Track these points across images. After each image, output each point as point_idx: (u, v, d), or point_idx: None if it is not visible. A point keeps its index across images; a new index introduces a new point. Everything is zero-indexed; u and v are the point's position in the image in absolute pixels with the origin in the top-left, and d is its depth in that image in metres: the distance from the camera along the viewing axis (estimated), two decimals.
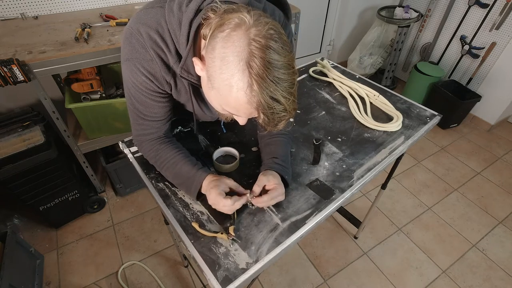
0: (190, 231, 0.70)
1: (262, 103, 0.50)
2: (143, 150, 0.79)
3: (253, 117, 0.56)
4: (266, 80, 0.48)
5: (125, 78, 0.67)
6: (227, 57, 0.49)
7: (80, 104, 1.41)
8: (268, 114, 0.51)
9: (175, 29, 0.60)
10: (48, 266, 1.52)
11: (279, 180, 0.73)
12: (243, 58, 0.48)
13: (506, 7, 2.06)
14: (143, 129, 0.75)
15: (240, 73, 0.48)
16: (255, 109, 0.52)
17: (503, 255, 1.63)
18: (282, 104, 0.51)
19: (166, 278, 1.49)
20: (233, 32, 0.49)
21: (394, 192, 1.96)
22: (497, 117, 2.39)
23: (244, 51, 0.48)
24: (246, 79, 0.49)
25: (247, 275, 0.62)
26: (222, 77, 0.50)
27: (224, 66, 0.49)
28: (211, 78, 0.53)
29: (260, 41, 0.48)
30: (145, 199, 1.86)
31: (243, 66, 0.48)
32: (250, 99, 0.50)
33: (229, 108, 0.55)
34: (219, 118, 0.90)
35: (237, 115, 0.58)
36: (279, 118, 0.53)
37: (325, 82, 1.23)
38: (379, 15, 2.50)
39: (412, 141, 0.96)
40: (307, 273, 1.54)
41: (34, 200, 1.47)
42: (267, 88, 0.49)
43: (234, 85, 0.50)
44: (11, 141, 1.36)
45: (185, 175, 0.74)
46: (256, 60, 0.47)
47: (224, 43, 0.49)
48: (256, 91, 0.49)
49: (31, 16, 1.53)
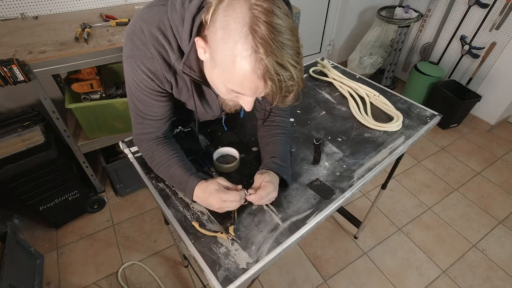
0: (191, 231, 0.70)
1: (268, 68, 0.47)
2: (142, 150, 0.79)
3: (260, 95, 0.54)
4: (271, 44, 0.46)
5: (127, 76, 0.67)
6: (228, 25, 0.47)
7: (80, 104, 1.41)
8: (275, 80, 0.48)
9: (177, 26, 0.60)
10: (48, 266, 1.52)
11: (270, 178, 0.72)
12: (246, 23, 0.46)
13: (506, 7, 2.06)
14: (142, 128, 0.75)
15: (242, 39, 0.47)
16: (261, 77, 0.49)
17: (503, 255, 1.64)
18: (289, 71, 0.48)
19: (166, 278, 1.49)
20: (234, 0, 0.48)
21: (394, 192, 1.96)
22: (497, 117, 2.39)
23: (247, 16, 0.46)
24: (250, 44, 0.47)
25: (247, 275, 0.62)
26: (225, 47, 0.49)
27: (226, 35, 0.48)
28: (213, 53, 0.52)
29: (262, 5, 0.46)
30: (145, 199, 1.85)
31: (246, 32, 0.46)
32: (255, 66, 0.48)
33: (233, 85, 0.53)
34: (220, 116, 0.90)
35: (242, 93, 0.55)
36: (287, 87, 0.50)
37: (325, 82, 1.23)
38: (379, 15, 2.50)
39: (413, 141, 0.96)
40: (307, 273, 1.54)
41: (34, 200, 1.47)
42: (273, 53, 0.46)
43: (238, 54, 0.48)
44: (11, 141, 1.36)
45: (178, 180, 0.73)
46: (260, 24, 0.46)
47: (225, 12, 0.48)
48: (262, 54, 0.46)
49: (31, 16, 1.53)
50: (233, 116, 1.00)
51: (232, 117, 1.01)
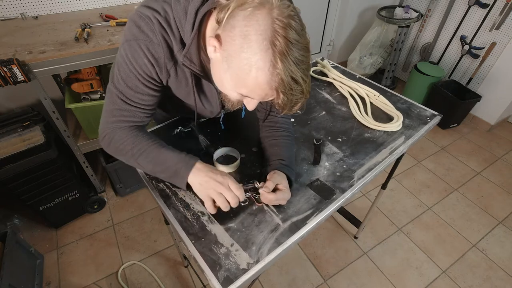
0: (191, 231, 0.69)
1: (284, 81, 0.50)
2: (116, 138, 0.71)
3: (266, 100, 0.57)
4: (288, 59, 0.49)
5: (122, 59, 0.64)
6: (249, 35, 0.49)
7: (80, 104, 1.41)
8: (288, 94, 0.51)
9: (180, 18, 0.61)
10: (48, 266, 1.52)
11: (286, 184, 0.73)
12: (267, 37, 0.48)
13: (506, 7, 2.06)
14: (123, 115, 0.70)
15: (262, 52, 0.49)
16: (274, 89, 0.52)
17: (503, 255, 1.64)
18: (300, 86, 0.52)
19: (166, 278, 1.49)
20: (257, 11, 0.49)
21: (394, 192, 1.96)
22: (497, 117, 2.39)
23: (268, 30, 0.48)
24: (269, 58, 0.49)
25: (248, 276, 0.62)
26: (242, 56, 0.50)
27: (246, 45, 0.49)
28: (229, 58, 0.53)
29: (283, 20, 0.48)
30: (145, 199, 1.85)
31: (266, 45, 0.48)
32: (270, 78, 0.50)
33: (244, 89, 0.55)
34: (219, 114, 0.90)
35: (251, 97, 0.57)
36: (296, 99, 0.54)
37: (325, 82, 1.23)
38: (379, 15, 2.50)
39: (413, 141, 0.96)
40: (307, 273, 1.54)
41: (34, 200, 1.47)
42: (289, 68, 0.49)
43: (254, 65, 0.50)
44: (11, 141, 1.36)
45: (171, 161, 0.68)
46: (280, 39, 0.48)
47: (246, 21, 0.49)
48: (280, 69, 0.49)
49: (31, 16, 1.52)
50: (234, 116, 1.00)
51: (232, 117, 1.01)
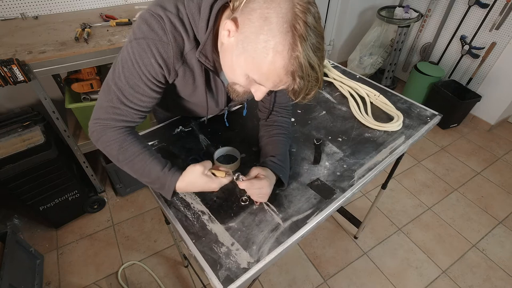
0: (192, 230, 0.70)
1: (302, 65, 0.50)
2: (106, 138, 0.69)
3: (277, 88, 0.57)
4: (307, 44, 0.49)
5: (128, 56, 0.63)
6: (270, 18, 0.49)
7: (80, 104, 1.41)
8: (305, 79, 0.52)
9: (194, 15, 0.61)
10: (48, 266, 1.52)
11: (267, 174, 0.73)
12: (288, 20, 0.48)
13: (506, 7, 2.06)
14: (117, 114, 0.68)
15: (282, 34, 0.49)
16: (290, 74, 0.52)
17: (503, 255, 1.64)
18: (316, 73, 0.52)
19: (166, 278, 1.49)
20: None
21: (394, 192, 1.96)
22: (497, 117, 2.39)
23: (289, 13, 0.48)
24: (289, 40, 0.49)
25: (248, 275, 0.62)
26: (261, 39, 0.50)
27: (266, 27, 0.49)
28: (245, 40, 0.52)
29: (303, 5, 0.49)
30: (145, 199, 1.85)
31: (286, 28, 0.48)
32: (288, 62, 0.50)
33: (257, 75, 0.55)
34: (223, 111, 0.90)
35: (263, 84, 0.57)
36: (312, 87, 0.54)
37: (326, 82, 1.23)
38: (379, 15, 2.50)
39: (413, 141, 0.96)
40: (307, 273, 1.54)
41: (34, 200, 1.47)
42: (308, 53, 0.49)
43: (273, 48, 0.50)
44: (11, 141, 1.35)
45: (155, 175, 0.69)
46: (300, 22, 0.48)
47: (268, 4, 0.49)
48: (299, 51, 0.49)
49: (31, 16, 1.53)
50: (235, 115, 1.00)
51: (233, 116, 1.01)
